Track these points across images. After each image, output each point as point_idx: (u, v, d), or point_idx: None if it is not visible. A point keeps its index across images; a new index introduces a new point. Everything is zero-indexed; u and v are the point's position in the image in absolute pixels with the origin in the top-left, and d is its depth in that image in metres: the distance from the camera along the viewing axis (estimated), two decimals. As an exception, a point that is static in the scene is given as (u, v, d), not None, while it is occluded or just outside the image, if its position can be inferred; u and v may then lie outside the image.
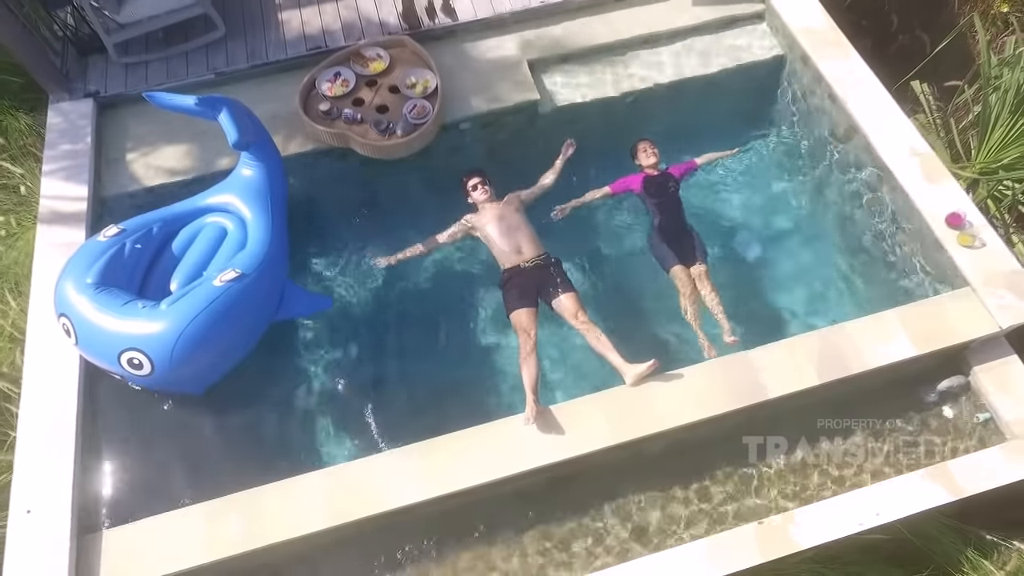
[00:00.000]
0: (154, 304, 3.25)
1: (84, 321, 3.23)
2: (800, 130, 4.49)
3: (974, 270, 3.49)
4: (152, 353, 3.15)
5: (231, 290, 3.27)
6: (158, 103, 3.52)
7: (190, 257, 3.57)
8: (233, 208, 3.65)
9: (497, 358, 3.86)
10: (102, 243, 3.42)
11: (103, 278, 3.31)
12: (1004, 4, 5.98)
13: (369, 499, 3.06)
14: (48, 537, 2.95)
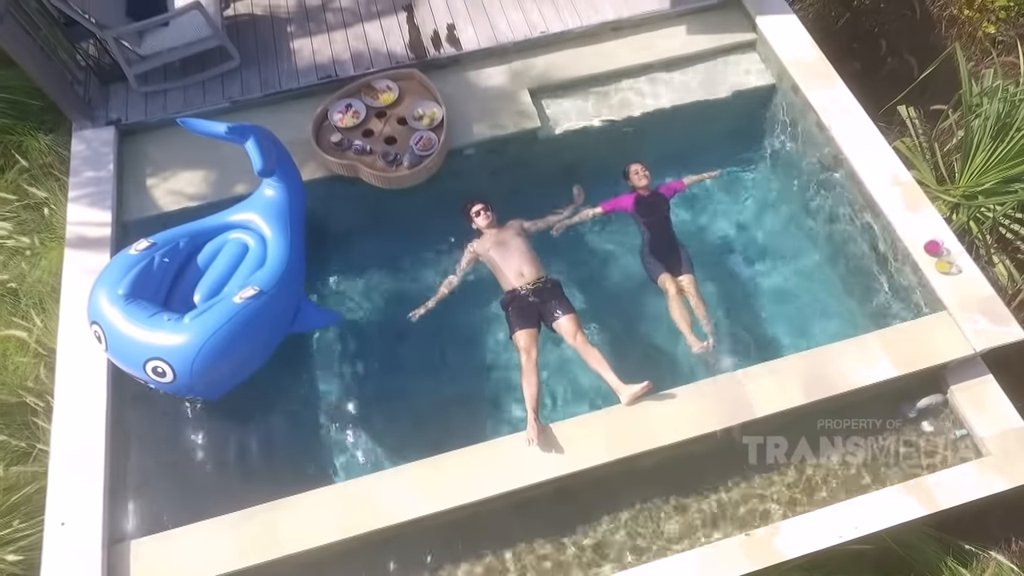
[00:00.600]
0: (178, 317, 3.47)
1: (114, 330, 3.45)
2: (789, 156, 4.71)
3: (951, 295, 3.71)
4: (175, 363, 3.37)
5: (249, 307, 3.49)
6: (191, 128, 3.75)
7: (213, 271, 3.80)
8: (254, 226, 3.88)
9: (500, 373, 4.08)
10: (133, 256, 3.65)
11: (133, 290, 3.53)
12: (990, 26, 6.21)
13: (380, 512, 3.28)
14: (81, 548, 3.17)
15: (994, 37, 6.17)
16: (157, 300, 3.62)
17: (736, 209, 4.66)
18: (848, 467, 3.80)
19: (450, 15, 4.89)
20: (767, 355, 3.82)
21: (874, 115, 5.36)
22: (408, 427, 4.04)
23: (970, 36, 6.13)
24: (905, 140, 5.12)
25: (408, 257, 4.56)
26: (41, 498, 4.13)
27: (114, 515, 3.34)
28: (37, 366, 4.55)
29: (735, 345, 3.94)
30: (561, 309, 3.73)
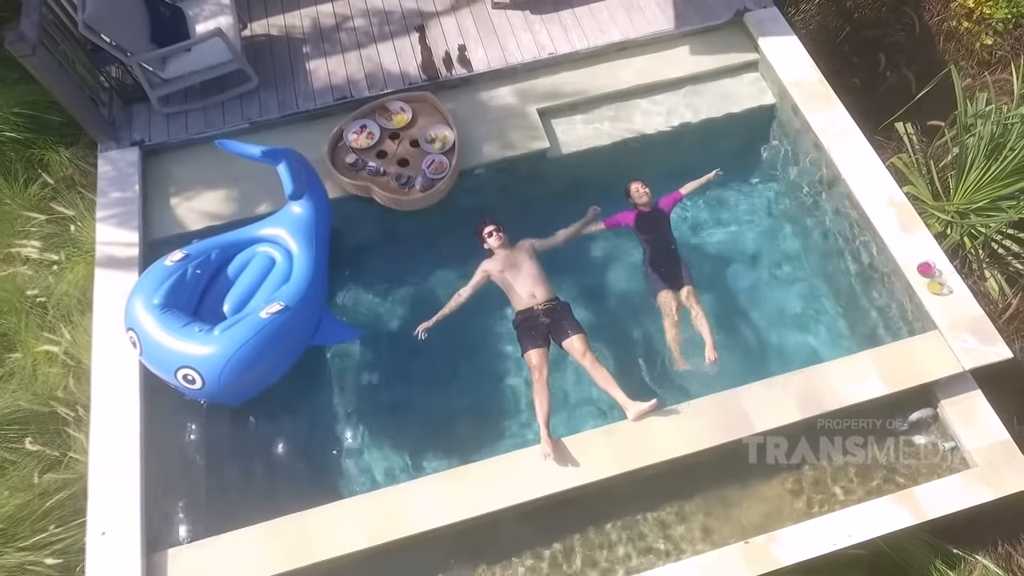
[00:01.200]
0: (209, 329, 3.67)
1: (149, 338, 3.67)
2: (789, 176, 4.89)
3: (942, 315, 3.91)
4: (204, 373, 3.58)
5: (275, 322, 3.69)
6: (227, 149, 3.96)
7: (241, 283, 4.00)
8: (282, 241, 4.07)
9: (510, 386, 4.29)
10: (168, 268, 3.85)
11: (167, 300, 3.74)
12: (988, 38, 6.36)
13: (403, 522, 3.50)
14: (121, 557, 3.39)
15: (992, 50, 6.33)
16: (189, 309, 3.84)
17: (736, 226, 4.86)
18: (844, 477, 4.02)
19: (461, 36, 5.05)
20: (763, 371, 4.02)
21: (873, 131, 5.55)
22: (423, 437, 4.27)
23: (967, 50, 6.29)
24: (902, 156, 5.29)
25: (420, 273, 4.76)
26: (73, 503, 4.37)
27: (151, 524, 3.55)
28: (66, 377, 4.76)
29: (732, 360, 4.14)
30: (571, 329, 3.93)
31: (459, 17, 5.14)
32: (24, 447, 4.36)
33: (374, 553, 3.57)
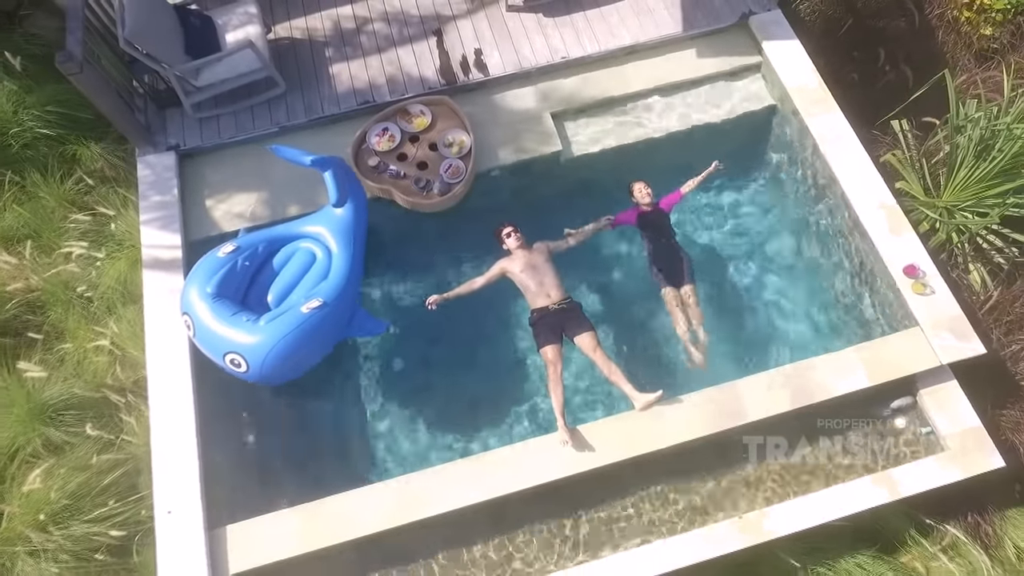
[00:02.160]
0: (255, 319, 4.07)
1: (201, 324, 4.09)
2: (787, 176, 5.20)
3: (924, 314, 4.29)
4: (249, 359, 4.00)
5: (314, 316, 4.09)
6: (279, 155, 4.31)
7: (284, 276, 4.39)
8: (322, 239, 4.43)
9: (529, 378, 4.70)
10: (220, 259, 4.24)
11: (219, 289, 4.14)
12: (987, 27, 6.55)
13: (433, 503, 3.94)
14: (186, 533, 3.85)
15: (990, 41, 6.53)
16: (237, 298, 4.24)
17: (736, 225, 5.19)
18: (830, 459, 4.46)
19: (477, 40, 5.29)
20: (758, 364, 4.42)
21: (870, 126, 5.82)
22: (446, 420, 4.71)
23: (966, 43, 6.49)
24: (896, 153, 5.57)
25: (439, 269, 5.11)
26: (127, 481, 4.83)
27: (210, 503, 3.99)
28: (113, 365, 5.17)
29: (729, 353, 4.53)
30: (582, 327, 4.31)
31: (475, 21, 5.36)
32: (84, 431, 4.81)
33: (407, 528, 4.02)
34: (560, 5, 5.42)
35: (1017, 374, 4.94)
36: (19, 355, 5.21)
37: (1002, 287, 5.14)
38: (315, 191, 4.92)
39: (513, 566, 4.10)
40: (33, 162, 5.84)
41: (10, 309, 5.33)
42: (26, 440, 4.85)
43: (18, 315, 5.35)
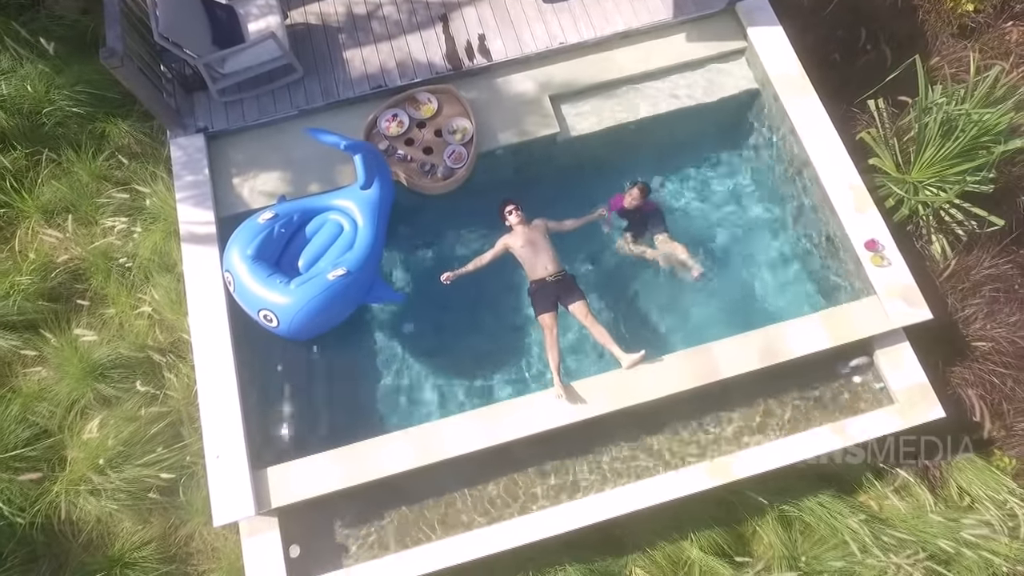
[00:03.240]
0: (287, 282, 4.65)
1: (240, 282, 4.69)
2: (768, 156, 5.67)
3: (881, 283, 4.84)
4: (280, 316, 4.62)
5: (338, 283, 4.66)
6: (315, 137, 4.82)
7: (314, 244, 4.94)
8: (350, 213, 4.95)
9: (528, 341, 5.30)
10: (260, 225, 4.80)
11: (257, 252, 4.72)
12: (969, 3, 6.88)
13: (448, 447, 4.58)
14: (233, 475, 4.50)
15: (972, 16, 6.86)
16: (272, 260, 4.81)
17: (718, 198, 5.70)
18: (793, 410, 5.09)
19: (481, 26, 5.68)
20: (732, 327, 4.99)
21: (849, 104, 6.24)
22: (456, 376, 5.33)
23: (946, 22, 6.83)
24: (871, 131, 6.01)
25: (447, 241, 5.65)
26: (171, 430, 5.49)
27: (252, 448, 4.63)
28: (152, 328, 5.77)
29: (704, 319, 5.11)
30: (576, 296, 4.87)
31: (479, 6, 5.74)
32: (133, 387, 5.44)
33: (424, 469, 4.68)
34: (559, -9, 5.79)
35: (968, 335, 5.52)
36: (68, 319, 5.82)
37: (959, 257, 5.69)
38: (332, 169, 5.41)
39: (517, 502, 4.78)
40: (66, 139, 6.31)
41: (56, 277, 5.89)
42: (80, 394, 5.49)
43: (64, 283, 5.92)
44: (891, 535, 5.24)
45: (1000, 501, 5.38)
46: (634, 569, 5.25)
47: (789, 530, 5.35)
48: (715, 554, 5.20)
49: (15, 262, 5.91)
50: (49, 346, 5.56)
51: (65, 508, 5.26)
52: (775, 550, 5.23)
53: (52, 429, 5.50)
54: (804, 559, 5.23)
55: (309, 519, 4.77)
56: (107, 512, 5.32)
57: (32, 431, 5.45)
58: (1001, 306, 5.64)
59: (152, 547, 5.33)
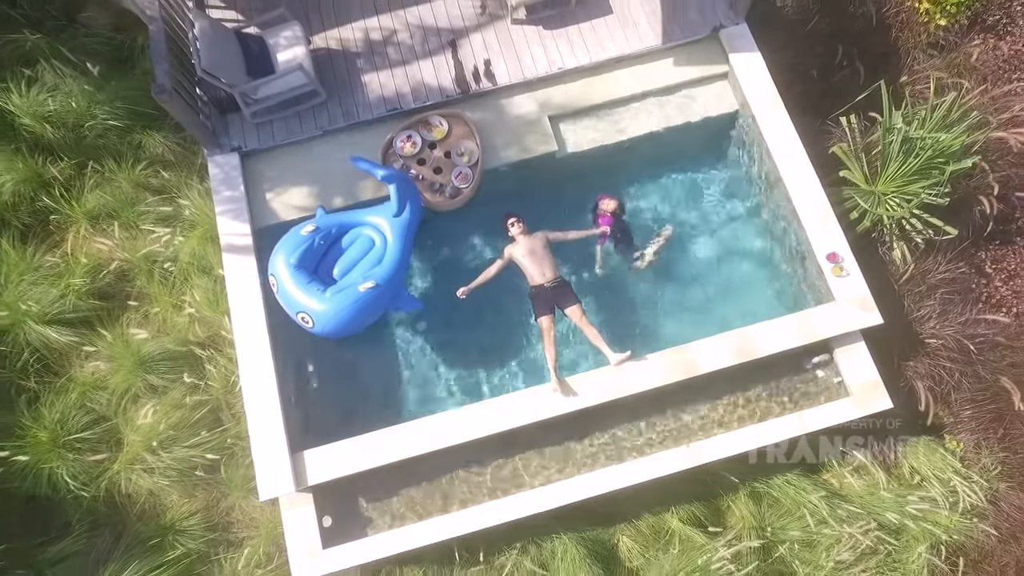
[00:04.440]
0: (323, 289, 5.36)
1: (283, 286, 5.40)
2: (745, 172, 6.31)
3: (840, 292, 5.53)
4: (315, 319, 5.35)
5: (368, 295, 5.37)
6: (357, 165, 5.49)
7: (348, 256, 5.63)
8: (381, 229, 5.61)
9: (528, 340, 6.01)
10: (302, 236, 5.49)
11: (299, 261, 5.43)
12: (942, 18, 7.42)
13: (461, 433, 5.32)
14: (275, 457, 5.25)
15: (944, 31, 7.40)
16: (311, 268, 5.50)
17: (700, 210, 6.34)
18: (762, 401, 5.82)
19: (486, 51, 6.27)
20: (710, 328, 5.68)
21: (824, 119, 6.83)
22: (464, 371, 6.06)
23: (918, 38, 7.37)
24: (842, 145, 6.62)
25: (456, 247, 6.31)
26: (212, 416, 6.25)
27: (290, 434, 5.37)
28: (192, 325, 6.48)
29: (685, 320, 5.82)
30: (571, 301, 5.56)
31: (484, 32, 6.31)
32: (180, 378, 6.18)
33: (438, 452, 5.43)
34: (557, 18, 6.36)
35: (921, 333, 6.22)
36: (118, 317, 6.53)
37: (917, 262, 6.35)
38: (352, 183, 6.06)
39: (518, 480, 5.54)
40: (106, 150, 6.96)
41: (104, 278, 6.60)
42: (132, 384, 6.23)
43: (111, 283, 6.63)
44: (846, 508, 6.02)
45: (945, 479, 6.14)
46: (621, 538, 6.05)
47: (759, 504, 6.13)
48: (693, 525, 5.99)
49: (68, 265, 6.60)
50: (104, 341, 6.28)
51: (124, 484, 6.05)
52: (745, 521, 6.01)
53: (108, 415, 6.25)
54: (770, 529, 6.02)
55: (338, 495, 5.55)
56: (159, 487, 6.11)
57: (91, 417, 6.20)
58: (952, 307, 6.34)
59: (198, 517, 6.13)
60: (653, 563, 5.88)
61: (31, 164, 6.75)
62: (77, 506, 6.04)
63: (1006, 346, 6.32)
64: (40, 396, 6.20)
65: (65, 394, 6.24)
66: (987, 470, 6.27)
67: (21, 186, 6.70)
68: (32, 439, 5.96)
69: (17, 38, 6.88)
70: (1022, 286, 6.95)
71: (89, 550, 5.98)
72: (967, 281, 6.66)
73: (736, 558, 5.79)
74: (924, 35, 7.41)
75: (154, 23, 5.23)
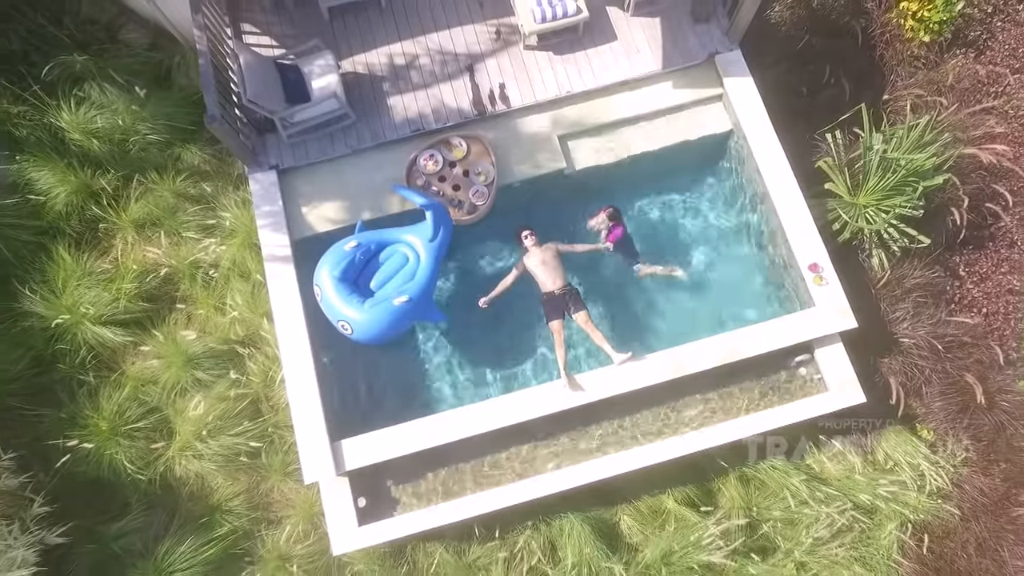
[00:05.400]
0: (362, 301, 6.04)
1: (326, 296, 6.08)
2: (737, 187, 6.96)
3: (820, 299, 6.21)
4: (354, 328, 6.04)
5: (401, 308, 6.06)
6: (398, 192, 6.23)
7: (384, 270, 6.30)
8: (415, 248, 6.28)
9: (540, 342, 6.72)
10: (346, 252, 6.16)
11: (342, 275, 6.10)
12: (925, 34, 8.01)
13: (482, 424, 6.05)
14: (317, 446, 5.99)
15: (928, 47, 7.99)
16: (352, 280, 6.17)
17: (696, 222, 7.01)
18: (750, 395, 6.54)
19: (501, 75, 6.89)
20: (703, 332, 6.38)
21: (812, 134, 7.45)
22: (482, 367, 6.78)
23: (902, 56, 7.96)
24: (827, 160, 7.26)
25: (473, 255, 7.00)
26: (253, 407, 6.98)
27: (329, 425, 6.11)
28: (233, 325, 7.18)
29: (680, 325, 6.52)
30: (579, 307, 6.26)
31: (499, 57, 6.93)
32: (225, 374, 6.90)
33: (459, 442, 6.16)
34: (566, 44, 6.97)
35: (896, 334, 6.92)
36: (164, 318, 7.23)
37: (893, 268, 7.03)
38: (379, 198, 6.72)
39: (531, 466, 6.29)
40: (149, 162, 7.60)
41: (151, 282, 7.29)
42: (180, 379, 6.95)
43: (158, 286, 7.32)
44: (825, 491, 6.76)
45: (915, 465, 6.89)
46: (623, 517, 6.81)
47: (747, 487, 6.88)
48: (687, 505, 6.75)
49: (118, 270, 7.29)
50: (155, 340, 7.00)
51: (178, 469, 6.80)
52: (734, 502, 6.76)
53: (160, 406, 6.99)
54: (756, 509, 6.78)
55: (371, 479, 6.29)
56: (207, 471, 6.85)
57: (144, 408, 6.94)
58: (925, 309, 7.03)
59: (241, 498, 6.89)
60: (651, 539, 6.65)
61: (81, 176, 7.40)
62: (135, 488, 6.79)
63: (972, 344, 7.02)
64: (99, 389, 6.93)
65: (120, 388, 6.97)
66: (953, 456, 7.01)
67: (73, 197, 7.36)
68: (94, 428, 6.71)
69: (67, 59, 7.49)
70: (992, 288, 7.64)
71: (147, 527, 6.75)
72: (941, 284, 7.35)
73: (725, 535, 6.55)
74: (907, 53, 8.01)
75: (203, 56, 5.84)
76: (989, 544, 6.63)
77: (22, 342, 6.97)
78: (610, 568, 6.49)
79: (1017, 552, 6.57)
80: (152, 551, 6.56)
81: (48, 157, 7.34)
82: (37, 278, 7.08)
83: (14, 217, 7.19)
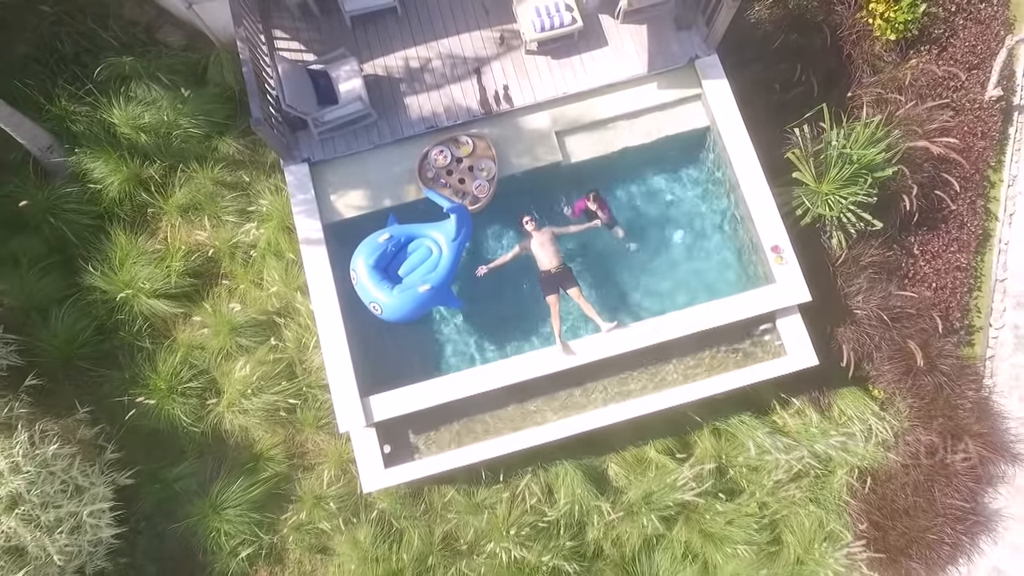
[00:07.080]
0: (391, 287, 7.17)
1: (361, 281, 7.22)
2: (714, 177, 8.06)
3: (780, 276, 7.36)
4: (383, 309, 7.18)
5: (425, 294, 7.20)
6: (428, 195, 7.34)
7: (411, 260, 7.41)
8: (439, 242, 7.40)
9: (538, 314, 7.89)
10: (379, 243, 7.28)
11: (375, 263, 7.23)
12: (892, 33, 9.00)
13: (488, 382, 7.25)
14: (350, 401, 7.21)
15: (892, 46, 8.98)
16: (383, 267, 7.30)
17: (674, 207, 8.13)
18: (719, 359, 7.73)
19: (505, 77, 7.93)
20: (678, 304, 7.55)
21: (782, 127, 8.48)
22: (487, 334, 7.97)
23: (866, 55, 8.95)
24: (795, 151, 8.30)
25: (479, 236, 8.13)
26: (288, 370, 8.20)
27: (361, 383, 7.31)
28: (270, 299, 8.35)
29: (659, 298, 7.70)
30: (572, 283, 7.41)
31: (503, 62, 7.96)
32: (266, 340, 8.10)
33: (469, 398, 7.38)
34: (563, 50, 7.99)
35: (850, 306, 8.06)
36: (209, 291, 8.41)
37: (851, 248, 8.15)
38: (399, 188, 7.82)
39: (531, 419, 7.51)
40: (190, 152, 8.69)
41: (195, 260, 8.44)
42: (225, 344, 8.14)
43: (202, 264, 8.48)
44: (785, 442, 7.99)
45: (864, 419, 8.10)
46: (610, 464, 8.06)
47: (719, 438, 8.11)
48: (666, 454, 7.99)
49: (167, 250, 8.44)
50: (204, 312, 8.18)
51: (226, 423, 8.04)
52: (707, 451, 8.00)
53: (208, 368, 8.20)
54: (724, 457, 8.02)
55: (394, 429, 7.53)
56: (250, 424, 8.09)
57: (195, 370, 8.15)
58: (878, 284, 8.17)
59: (280, 448, 8.14)
60: (634, 483, 7.91)
61: (131, 167, 8.51)
62: (189, 439, 8.05)
63: (917, 315, 8.17)
64: (155, 354, 8.14)
65: (173, 353, 8.17)
66: (899, 412, 8.23)
67: (125, 184, 8.47)
68: (154, 387, 7.94)
69: (115, 61, 8.53)
70: (942, 265, 8.79)
71: (201, 472, 8.02)
72: (896, 262, 8.48)
73: (697, 478, 7.80)
74: (872, 51, 9.00)
75: (246, 65, 6.90)
76: (924, 486, 7.88)
77: (87, 312, 8.16)
78: (599, 507, 7.76)
79: (947, 492, 7.82)
80: (207, 491, 7.83)
81: (102, 149, 8.43)
82: (99, 256, 8.23)
83: (76, 203, 8.32)
